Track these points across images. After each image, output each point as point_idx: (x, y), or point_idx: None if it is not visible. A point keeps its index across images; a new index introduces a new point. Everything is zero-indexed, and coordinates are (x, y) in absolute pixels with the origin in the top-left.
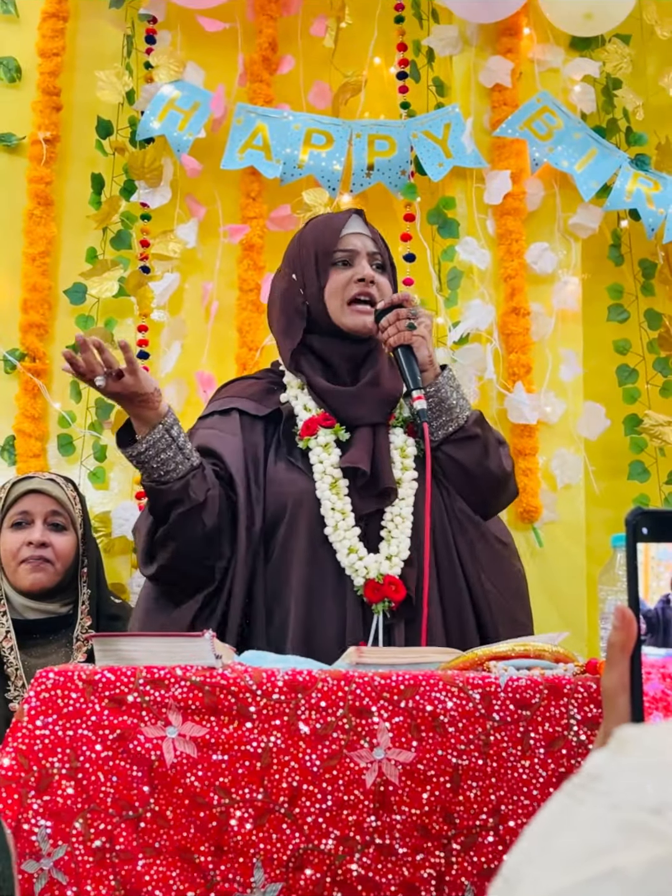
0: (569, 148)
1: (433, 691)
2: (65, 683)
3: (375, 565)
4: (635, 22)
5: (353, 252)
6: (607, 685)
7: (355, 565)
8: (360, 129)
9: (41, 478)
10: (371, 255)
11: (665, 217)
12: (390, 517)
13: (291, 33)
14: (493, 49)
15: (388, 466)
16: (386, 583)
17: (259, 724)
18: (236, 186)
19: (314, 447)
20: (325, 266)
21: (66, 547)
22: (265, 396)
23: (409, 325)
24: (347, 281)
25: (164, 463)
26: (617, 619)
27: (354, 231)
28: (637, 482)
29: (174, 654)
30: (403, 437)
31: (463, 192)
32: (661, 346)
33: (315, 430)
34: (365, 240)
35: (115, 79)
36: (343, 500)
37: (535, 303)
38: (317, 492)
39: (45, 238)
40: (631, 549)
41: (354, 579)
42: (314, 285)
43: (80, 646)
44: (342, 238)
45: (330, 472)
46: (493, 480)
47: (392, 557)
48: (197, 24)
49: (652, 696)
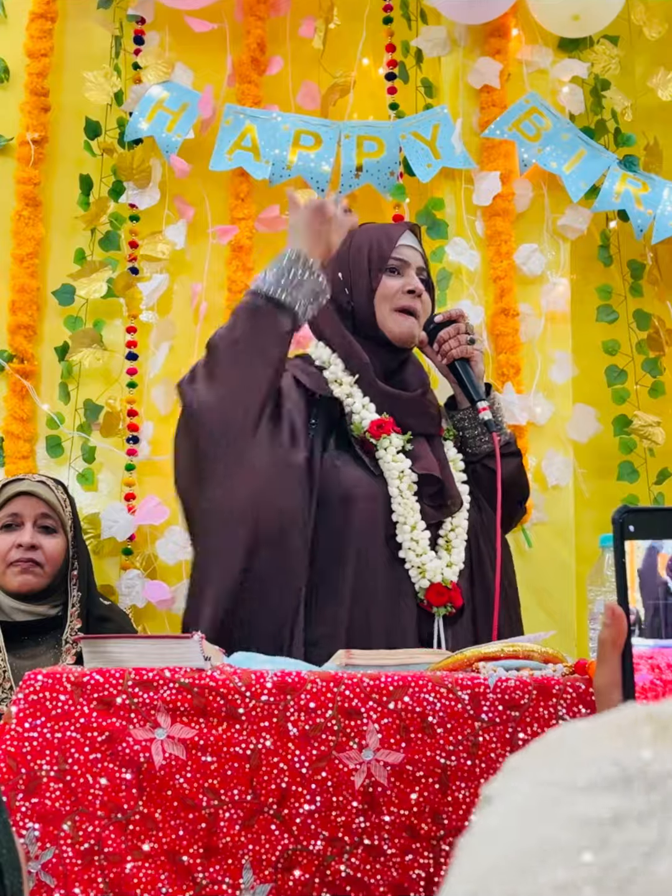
0: (557, 149)
1: (422, 692)
2: (53, 685)
3: (439, 570)
4: (623, 23)
5: (405, 263)
6: (599, 682)
7: (425, 566)
8: (349, 130)
9: (31, 480)
10: (419, 269)
11: (653, 218)
12: (450, 527)
13: (280, 34)
14: (482, 50)
15: (452, 478)
16: (453, 587)
17: (248, 726)
18: (225, 187)
19: (388, 448)
20: (378, 270)
21: (56, 549)
22: (319, 379)
23: (470, 340)
24: (398, 289)
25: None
26: (607, 616)
27: (409, 244)
28: (626, 483)
29: (163, 656)
30: (454, 451)
31: (452, 194)
32: (649, 347)
33: (389, 432)
34: (416, 254)
35: (103, 80)
36: (416, 504)
37: (524, 304)
38: (390, 490)
39: (33, 239)
40: (619, 547)
41: (419, 582)
42: (365, 287)
43: (70, 648)
44: (398, 247)
45: (408, 475)
46: (521, 497)
47: (452, 565)
48: (185, 24)
49: (641, 687)
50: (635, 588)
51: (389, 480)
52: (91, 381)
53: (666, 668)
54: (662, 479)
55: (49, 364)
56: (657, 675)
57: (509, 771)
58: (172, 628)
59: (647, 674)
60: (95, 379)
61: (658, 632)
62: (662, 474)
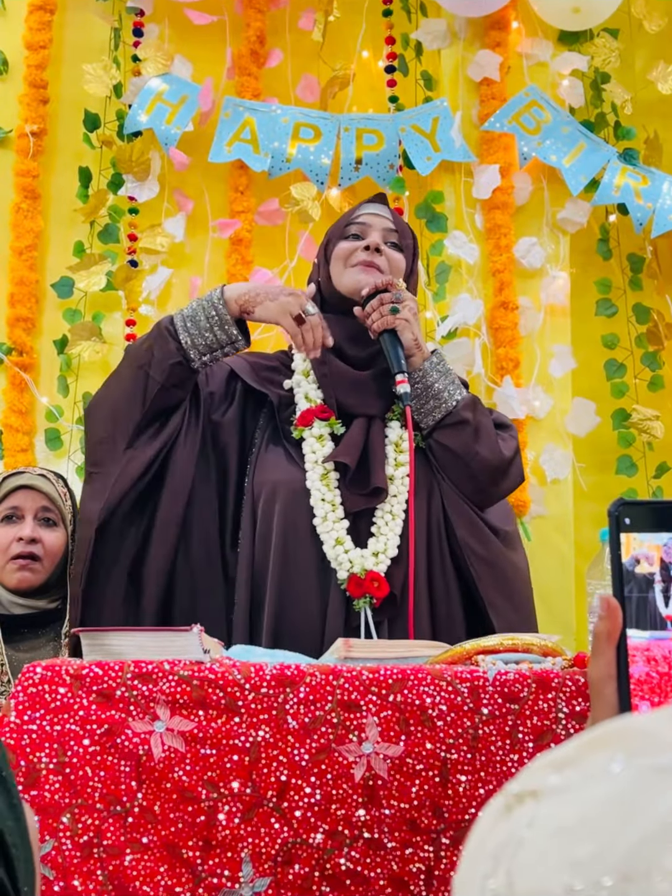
0: (557, 142)
1: (421, 685)
2: (52, 678)
3: (360, 560)
4: (623, 16)
5: (365, 226)
6: (594, 675)
7: (340, 558)
8: (349, 123)
9: (32, 473)
10: (386, 231)
11: (653, 211)
12: (381, 514)
13: (279, 27)
14: (482, 43)
15: (381, 464)
16: (368, 579)
17: (247, 719)
18: (224, 180)
19: (308, 437)
20: (335, 239)
21: (56, 543)
22: (271, 374)
23: (393, 309)
24: (354, 249)
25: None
26: (602, 609)
27: (372, 212)
28: (625, 476)
29: (162, 649)
30: (399, 432)
31: (451, 187)
32: (648, 341)
33: (310, 421)
34: (382, 220)
35: (102, 72)
36: (333, 493)
37: (523, 297)
38: (307, 482)
39: (32, 232)
40: (614, 540)
41: (338, 572)
42: (322, 258)
43: (68, 642)
44: (357, 216)
45: (321, 464)
46: (487, 466)
47: (378, 554)
48: (185, 17)
49: (637, 679)
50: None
51: (307, 472)
52: (90, 374)
53: (662, 659)
54: (661, 473)
55: (48, 357)
56: (653, 667)
57: (565, 762)
58: None
59: (643, 666)
60: (94, 372)
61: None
62: (661, 468)
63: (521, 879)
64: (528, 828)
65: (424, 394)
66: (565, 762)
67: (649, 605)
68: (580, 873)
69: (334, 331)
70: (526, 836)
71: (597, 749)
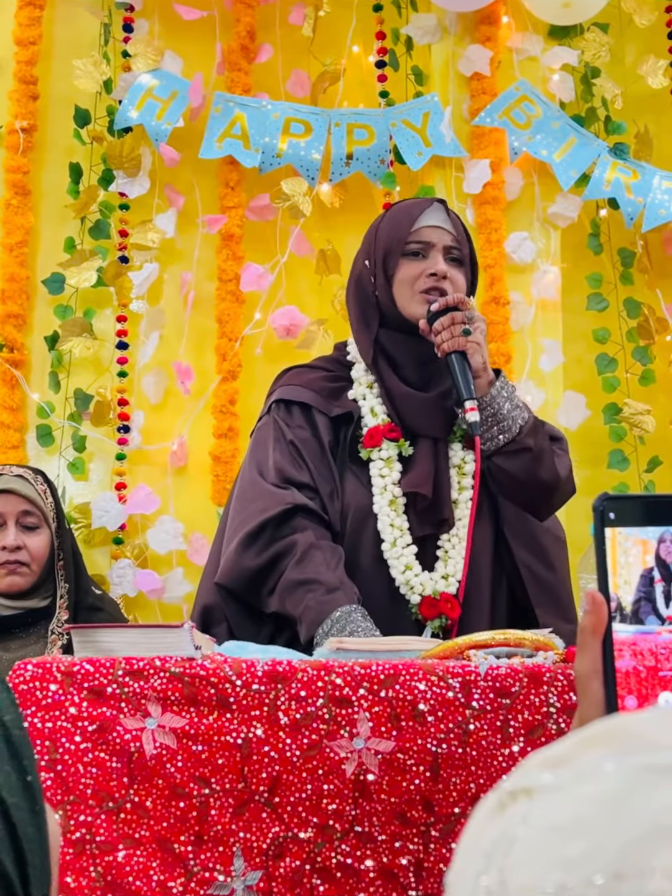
0: (547, 137)
1: (413, 680)
2: (43, 675)
3: (431, 583)
4: (613, 10)
5: (427, 244)
6: (580, 670)
7: (411, 582)
8: (339, 118)
9: (10, 475)
10: (447, 248)
11: (643, 206)
12: (447, 538)
13: (269, 22)
14: (472, 38)
15: (448, 492)
16: (442, 600)
17: (239, 715)
18: (215, 176)
19: (376, 459)
20: (395, 256)
21: (40, 547)
22: (335, 393)
23: (465, 331)
24: (419, 274)
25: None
26: (588, 603)
27: (432, 223)
28: (617, 471)
29: (153, 645)
30: (461, 454)
31: (442, 181)
32: (639, 335)
33: (379, 442)
34: (442, 233)
35: (92, 67)
36: (401, 518)
37: (514, 292)
38: (374, 507)
39: (22, 228)
40: (599, 535)
41: (410, 597)
42: (382, 276)
43: (55, 639)
44: (418, 229)
45: (391, 490)
46: (544, 489)
47: (448, 577)
48: (174, 12)
49: (624, 672)
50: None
51: (374, 496)
52: (81, 371)
53: (648, 653)
54: (653, 468)
55: (39, 353)
56: (639, 661)
57: (558, 761)
58: (163, 617)
59: (630, 660)
60: (86, 368)
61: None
62: (653, 462)
63: (513, 877)
64: (520, 826)
65: (491, 419)
66: (558, 761)
67: (651, 605)
68: (572, 871)
69: (396, 349)
70: (519, 834)
71: (590, 748)
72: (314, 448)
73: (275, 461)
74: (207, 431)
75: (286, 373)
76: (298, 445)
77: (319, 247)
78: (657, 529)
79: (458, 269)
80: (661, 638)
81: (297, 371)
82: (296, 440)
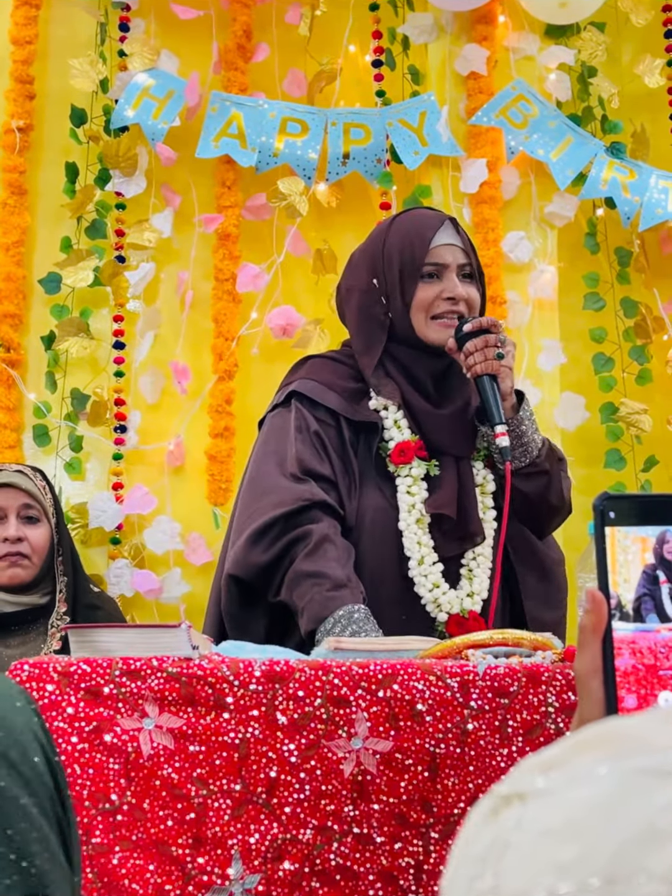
0: (544, 136)
1: (411, 680)
2: (40, 675)
3: (458, 601)
4: (610, 10)
5: (441, 266)
6: (580, 668)
7: (438, 600)
8: (336, 118)
9: (9, 470)
10: (461, 266)
11: (640, 205)
12: (472, 556)
13: (266, 21)
14: (469, 37)
15: (475, 511)
16: (471, 618)
17: (236, 715)
18: (211, 175)
19: (404, 476)
20: (411, 279)
21: (41, 539)
22: (356, 396)
23: (498, 355)
24: (435, 297)
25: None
26: (588, 602)
27: (445, 242)
28: (614, 470)
29: (151, 645)
30: (483, 472)
31: (439, 181)
32: (636, 335)
33: (410, 459)
34: (455, 251)
35: (88, 67)
36: (427, 536)
37: (511, 291)
38: (400, 524)
39: (19, 227)
40: (599, 534)
41: (437, 615)
42: (399, 299)
43: (55, 633)
44: (432, 250)
45: (419, 508)
46: (552, 511)
47: (474, 595)
48: (171, 11)
49: (623, 671)
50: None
51: (400, 514)
52: (78, 370)
53: (647, 651)
54: (650, 467)
55: (35, 353)
56: (639, 659)
57: (551, 764)
58: (160, 617)
59: (629, 658)
60: (82, 368)
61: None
62: (650, 462)
63: (507, 882)
64: (514, 830)
65: (515, 442)
66: (552, 764)
67: (656, 604)
68: (566, 875)
69: (412, 364)
70: (512, 839)
71: (583, 751)
72: (337, 444)
73: (297, 451)
74: (204, 431)
75: (305, 362)
76: (323, 437)
77: (316, 246)
78: (657, 528)
79: (471, 284)
80: (661, 636)
81: (318, 363)
82: (321, 432)
